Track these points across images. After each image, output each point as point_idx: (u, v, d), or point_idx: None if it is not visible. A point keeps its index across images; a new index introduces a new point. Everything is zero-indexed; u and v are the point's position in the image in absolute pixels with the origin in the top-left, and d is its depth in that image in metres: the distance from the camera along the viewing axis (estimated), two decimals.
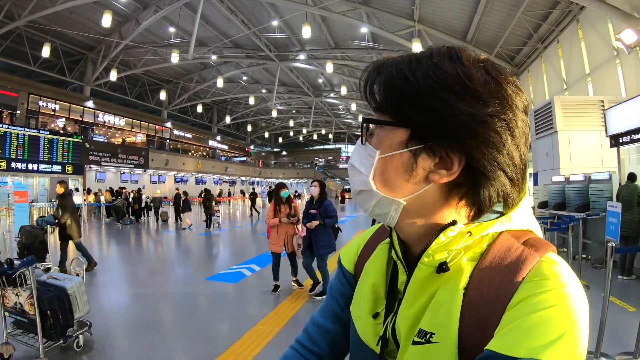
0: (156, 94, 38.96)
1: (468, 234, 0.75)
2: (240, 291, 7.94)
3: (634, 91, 12.82)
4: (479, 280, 0.72)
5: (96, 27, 24.92)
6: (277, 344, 5.14)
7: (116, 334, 5.58)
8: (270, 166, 72.14)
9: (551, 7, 17.82)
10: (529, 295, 0.65)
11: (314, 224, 7.23)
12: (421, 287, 0.79)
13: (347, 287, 1.06)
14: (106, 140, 36.41)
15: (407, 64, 0.77)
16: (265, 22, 24.89)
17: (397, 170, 0.77)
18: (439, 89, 0.72)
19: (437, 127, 0.73)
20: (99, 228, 19.79)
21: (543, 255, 0.71)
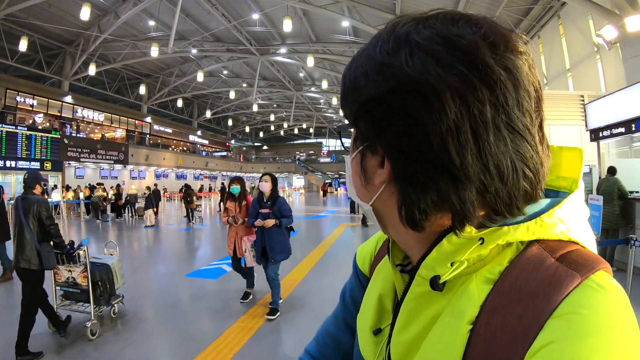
0: (136, 89, 38.63)
1: (480, 241, 0.56)
2: (221, 287, 7.85)
3: (613, 86, 13.07)
4: (492, 312, 0.53)
5: (75, 21, 24.49)
6: (258, 340, 5.13)
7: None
8: (251, 161, 72.11)
9: (532, 3, 18.13)
10: (555, 341, 0.45)
11: (270, 222, 6.10)
12: (417, 306, 0.63)
13: (362, 291, 0.89)
14: (85, 136, 36.01)
15: (355, 55, 0.67)
16: (246, 15, 24.82)
17: (356, 173, 0.68)
18: (357, 76, 0.62)
19: (358, 122, 0.63)
20: (78, 225, 19.60)
21: (587, 277, 0.50)
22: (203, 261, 10.40)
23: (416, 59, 0.53)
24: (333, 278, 8.41)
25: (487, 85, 0.51)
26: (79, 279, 5.51)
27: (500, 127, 0.53)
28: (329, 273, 8.92)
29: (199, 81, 34.03)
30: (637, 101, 8.86)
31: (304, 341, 3.89)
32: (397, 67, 0.55)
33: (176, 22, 22.49)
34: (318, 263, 9.74)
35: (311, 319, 5.96)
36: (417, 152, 0.54)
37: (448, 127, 0.51)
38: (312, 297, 7.05)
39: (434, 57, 0.52)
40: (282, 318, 5.98)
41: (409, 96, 0.53)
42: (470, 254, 0.57)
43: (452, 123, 0.51)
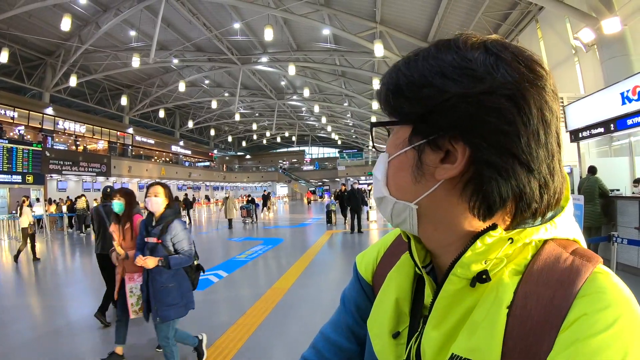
0: (117, 100, 38.41)
1: (509, 240, 0.66)
2: (208, 298, 7.77)
3: (592, 88, 13.33)
4: (526, 296, 0.63)
5: (55, 31, 24.41)
6: (248, 350, 5.10)
7: (85, 346, 5.52)
8: (234, 170, 71.75)
9: (510, 8, 18.38)
10: (586, 313, 0.57)
11: (151, 262, 4.12)
12: (451, 302, 0.70)
13: (364, 298, 0.96)
14: (67, 148, 35.60)
15: (406, 60, 0.74)
16: (227, 24, 24.84)
17: (404, 170, 0.72)
18: (431, 75, 0.68)
19: (434, 116, 0.67)
20: (61, 239, 19.34)
21: (596, 266, 0.63)
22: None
23: (503, 70, 0.64)
24: (320, 286, 8.48)
25: (550, 102, 0.67)
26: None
27: (554, 134, 0.68)
28: (316, 282, 8.94)
29: (180, 91, 34.02)
30: (615, 101, 9.04)
31: (294, 350, 4.06)
32: (484, 72, 0.64)
33: (157, 32, 22.47)
34: (304, 272, 9.70)
35: (300, 327, 5.96)
36: (506, 147, 0.63)
37: (532, 129, 0.64)
38: (300, 306, 7.03)
39: (519, 72, 0.64)
40: (272, 328, 5.93)
41: (502, 99, 0.63)
42: (503, 252, 0.66)
43: (534, 126, 0.64)
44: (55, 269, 12.01)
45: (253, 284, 9.03)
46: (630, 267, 7.96)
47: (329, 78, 34.59)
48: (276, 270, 10.41)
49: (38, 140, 31.34)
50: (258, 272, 10.27)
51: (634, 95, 8.47)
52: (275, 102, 43.60)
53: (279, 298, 7.43)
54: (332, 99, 42.34)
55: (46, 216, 20.85)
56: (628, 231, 8.08)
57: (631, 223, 8.14)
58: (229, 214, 22.13)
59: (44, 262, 12.75)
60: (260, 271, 10.45)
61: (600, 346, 0.53)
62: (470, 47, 0.68)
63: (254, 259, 11.79)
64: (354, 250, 13.46)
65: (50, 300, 8.11)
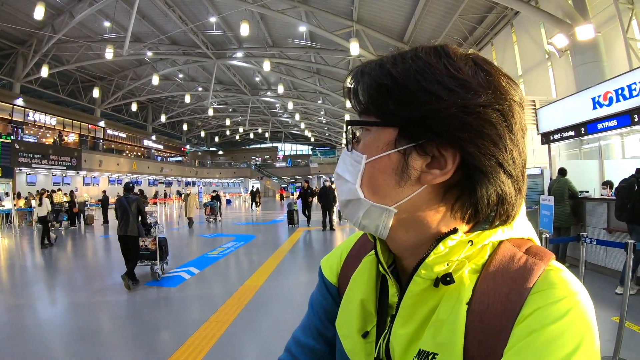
0: (89, 92, 37.56)
1: (469, 243, 0.71)
2: (180, 295, 7.75)
3: (564, 92, 13.67)
4: (483, 293, 0.67)
5: (28, 20, 23.72)
6: (220, 348, 5.08)
7: (53, 347, 5.36)
8: (206, 166, 71.21)
9: (487, 12, 18.69)
10: (540, 307, 0.61)
11: None
12: (417, 302, 0.73)
13: (330, 300, 0.98)
14: (37, 141, 34.87)
15: (392, 61, 0.74)
16: (203, 18, 24.59)
17: (386, 174, 0.72)
18: (425, 81, 0.68)
19: (426, 122, 0.68)
20: (31, 235, 18.85)
21: (548, 263, 0.67)
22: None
23: (494, 86, 0.70)
24: (291, 284, 8.53)
25: (524, 117, 0.74)
26: (149, 245, 8.97)
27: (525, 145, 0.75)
28: (288, 279, 8.97)
29: (154, 84, 33.49)
30: (587, 106, 9.23)
31: (266, 348, 4.21)
32: (478, 86, 0.68)
33: (132, 23, 22.04)
34: (277, 269, 9.70)
35: (272, 324, 5.99)
36: (495, 156, 0.68)
37: (515, 141, 0.70)
38: (272, 304, 7.06)
39: (507, 90, 0.71)
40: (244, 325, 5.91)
41: (495, 113, 0.68)
42: (463, 254, 0.70)
43: (517, 139, 0.71)
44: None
45: (225, 281, 9.04)
46: (598, 267, 8.20)
47: (303, 75, 34.57)
48: (248, 267, 10.38)
49: (7, 132, 30.64)
50: (230, 269, 10.25)
51: (604, 101, 8.67)
52: (249, 98, 43.41)
53: (251, 295, 7.42)
54: (307, 96, 42.36)
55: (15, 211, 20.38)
56: (597, 232, 8.32)
57: (600, 224, 8.37)
58: (189, 212, 21.17)
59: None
60: (232, 268, 10.43)
61: (555, 335, 0.57)
62: (460, 59, 0.71)
63: (226, 255, 11.76)
64: (326, 247, 13.54)
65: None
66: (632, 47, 11.85)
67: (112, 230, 19.18)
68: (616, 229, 7.78)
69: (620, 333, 4.24)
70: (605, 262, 8.05)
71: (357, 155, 0.75)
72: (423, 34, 21.39)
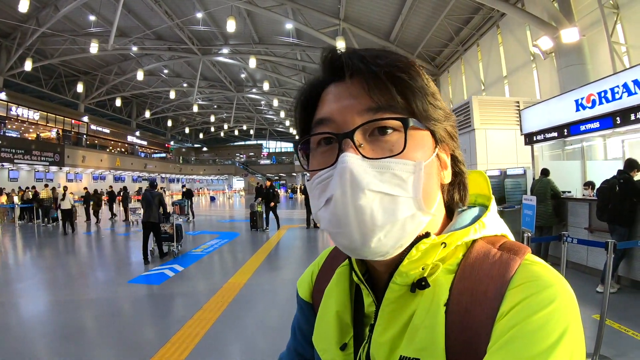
0: (73, 86, 36.94)
1: (442, 245, 0.70)
2: (165, 293, 7.71)
3: (548, 93, 13.88)
4: (460, 293, 0.67)
5: (12, 12, 23.31)
6: (205, 346, 5.05)
7: (37, 346, 5.29)
8: (190, 162, 70.83)
9: (473, 13, 18.86)
10: (520, 300, 0.60)
11: None
12: (395, 309, 0.73)
13: (305, 319, 0.98)
14: (19, 136, 34.39)
15: (415, 66, 0.72)
16: (190, 14, 24.45)
17: (433, 178, 0.72)
18: (435, 91, 0.73)
19: (444, 127, 0.74)
20: (12, 231, 18.62)
21: (523, 257, 0.67)
22: (145, 267, 10.07)
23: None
24: (275, 281, 8.52)
25: None
26: (168, 230, 11.42)
27: None
28: (272, 276, 8.95)
29: (138, 80, 33.19)
30: (570, 108, 9.31)
31: (251, 344, 4.47)
32: (446, 107, 0.76)
33: (118, 17, 21.82)
34: (261, 266, 9.68)
35: (256, 321, 5.99)
36: (459, 156, 0.80)
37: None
38: (256, 301, 7.03)
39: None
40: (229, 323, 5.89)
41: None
42: (437, 257, 0.70)
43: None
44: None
45: (209, 278, 9.00)
46: (580, 265, 8.32)
47: (289, 72, 34.51)
48: (232, 264, 10.36)
49: None
50: (214, 267, 10.23)
51: (588, 103, 8.78)
52: (234, 94, 43.26)
53: (235, 293, 7.40)
54: (292, 93, 42.11)
55: None
56: (578, 231, 8.43)
57: (581, 224, 8.47)
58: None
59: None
60: (216, 265, 10.41)
61: (538, 325, 0.56)
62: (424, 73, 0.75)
63: (210, 253, 11.74)
64: (309, 245, 13.54)
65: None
66: (616, 51, 12.00)
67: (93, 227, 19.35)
68: (597, 228, 7.88)
69: (601, 331, 4.32)
70: (586, 261, 8.16)
71: (407, 162, 0.67)
72: (410, 34, 21.52)
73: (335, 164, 0.68)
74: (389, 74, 0.68)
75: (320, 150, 0.74)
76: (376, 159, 0.67)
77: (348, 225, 0.65)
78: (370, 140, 0.69)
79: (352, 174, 0.65)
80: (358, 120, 0.68)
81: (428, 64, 24.92)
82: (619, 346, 4.77)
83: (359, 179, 0.64)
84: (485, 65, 20.55)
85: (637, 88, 7.55)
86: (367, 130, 0.69)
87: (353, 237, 0.66)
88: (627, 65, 11.66)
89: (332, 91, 0.75)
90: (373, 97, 0.68)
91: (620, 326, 5.33)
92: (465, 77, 22.99)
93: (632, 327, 5.28)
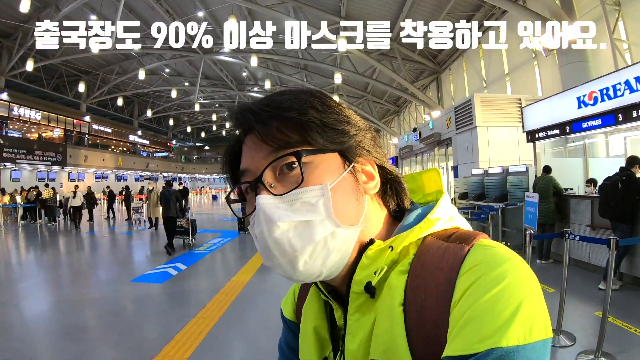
0: (74, 86, 36.69)
1: (390, 248, 0.74)
2: (168, 291, 7.80)
3: (549, 91, 13.83)
4: (414, 291, 0.68)
5: (13, 13, 23.30)
6: (208, 344, 5.08)
7: (39, 345, 5.32)
8: (192, 161, 70.82)
9: (474, 10, 18.78)
10: (470, 284, 0.61)
11: None
12: (359, 317, 0.75)
13: (292, 337, 1.01)
14: (21, 136, 34.40)
15: (307, 98, 0.78)
16: (191, 13, 24.20)
17: (348, 194, 0.76)
18: (340, 112, 0.80)
19: (355, 145, 0.79)
20: (15, 231, 18.71)
21: (472, 244, 0.68)
22: (148, 265, 10.20)
23: (357, 119, 0.85)
24: (278, 279, 8.32)
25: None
26: (184, 224, 12.56)
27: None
28: (275, 274, 8.79)
29: (140, 79, 33.06)
30: (572, 105, 9.34)
31: (254, 342, 4.37)
32: (357, 121, 0.83)
33: (119, 17, 21.79)
34: (263, 265, 9.55)
35: (259, 319, 6.04)
36: (385, 163, 0.85)
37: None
38: (258, 298, 7.10)
39: (360, 120, 0.86)
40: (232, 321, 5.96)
41: (369, 134, 0.84)
42: (386, 260, 0.73)
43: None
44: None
45: (212, 276, 9.08)
46: (582, 263, 8.34)
47: (290, 71, 34.41)
48: (235, 263, 10.41)
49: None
50: (217, 265, 10.33)
51: (589, 100, 8.78)
52: (236, 93, 43.07)
53: (238, 291, 7.46)
54: None
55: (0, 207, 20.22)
56: (580, 228, 8.42)
57: (583, 221, 8.47)
58: (152, 211, 18.12)
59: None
60: (218, 264, 10.50)
61: (493, 302, 0.57)
62: (342, 107, 0.83)
63: (213, 251, 11.83)
64: None
65: None
66: (617, 48, 11.99)
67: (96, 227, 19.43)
68: (600, 225, 7.88)
69: (604, 327, 4.32)
70: (588, 258, 8.17)
71: (313, 188, 0.72)
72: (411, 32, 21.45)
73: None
74: (276, 117, 0.74)
75: (249, 197, 0.80)
76: (284, 194, 0.72)
77: (274, 258, 0.72)
78: (280, 179, 0.74)
79: (265, 213, 0.71)
80: (265, 165, 0.74)
81: (429, 62, 24.93)
82: (622, 343, 4.78)
83: (270, 215, 0.71)
84: (487, 62, 20.53)
85: (639, 85, 7.56)
86: (276, 170, 0.74)
87: (283, 266, 0.73)
88: (629, 62, 11.64)
89: (246, 143, 0.81)
90: (268, 142, 0.74)
91: (622, 323, 5.34)
92: (467, 74, 22.95)
93: (635, 324, 5.28)
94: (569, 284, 5.25)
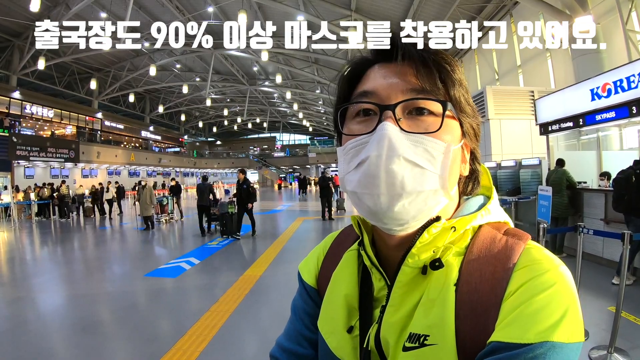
0: (86, 83, 37.19)
1: (452, 229, 0.76)
2: (181, 286, 7.85)
3: (562, 83, 13.75)
4: (469, 274, 0.72)
5: (24, 12, 23.49)
6: (222, 337, 5.12)
7: (55, 339, 5.41)
8: (204, 156, 70.93)
9: (486, 1, 18.65)
10: (526, 281, 0.66)
11: None
12: (407, 291, 0.77)
13: (311, 304, 0.99)
14: (34, 134, 34.65)
15: (451, 57, 0.80)
16: (201, 8, 24.38)
17: (457, 165, 0.78)
18: (468, 89, 0.82)
19: (470, 125, 0.82)
20: (30, 227, 18.83)
21: (526, 242, 0.73)
22: (161, 260, 10.26)
23: None
24: (292, 273, 8.39)
25: None
26: (216, 212, 14.26)
27: None
28: (287, 267, 8.96)
29: (151, 75, 33.21)
30: (585, 97, 9.22)
31: (267, 335, 4.60)
32: None
33: (129, 14, 21.93)
34: (276, 259, 9.75)
35: (272, 313, 6.05)
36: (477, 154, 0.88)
37: None
38: (271, 292, 7.14)
39: None
40: (245, 314, 6.00)
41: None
42: (447, 240, 0.76)
43: None
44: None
45: (225, 271, 9.07)
46: (595, 257, 8.27)
47: (301, 65, 34.45)
48: (248, 257, 10.43)
49: (5, 125, 30.39)
50: (230, 259, 10.27)
51: (603, 92, 8.68)
52: (247, 87, 43.17)
53: (251, 285, 7.49)
54: (304, 85, 42.23)
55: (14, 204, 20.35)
56: (594, 222, 8.37)
57: (597, 215, 8.41)
58: (144, 210, 16.27)
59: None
60: (231, 258, 10.46)
61: (542, 305, 0.62)
62: None
63: (225, 246, 11.84)
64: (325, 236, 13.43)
65: None
66: (631, 39, 11.87)
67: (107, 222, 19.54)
68: (613, 219, 7.82)
69: (617, 323, 4.29)
70: (602, 252, 8.11)
71: (440, 142, 0.73)
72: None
73: (373, 131, 0.73)
74: (436, 61, 0.76)
75: (358, 120, 0.79)
76: (412, 132, 0.72)
77: (377, 187, 0.70)
78: (408, 117, 0.75)
79: (390, 140, 0.70)
80: (401, 98, 0.74)
81: None
82: (635, 339, 4.75)
83: (396, 146, 0.70)
84: (499, 54, 20.38)
85: None
86: (407, 109, 0.75)
87: (380, 199, 0.70)
88: None
89: (377, 70, 0.80)
90: (420, 79, 0.74)
91: (636, 318, 5.30)
92: (479, 66, 22.81)
93: None
94: (582, 279, 5.24)
